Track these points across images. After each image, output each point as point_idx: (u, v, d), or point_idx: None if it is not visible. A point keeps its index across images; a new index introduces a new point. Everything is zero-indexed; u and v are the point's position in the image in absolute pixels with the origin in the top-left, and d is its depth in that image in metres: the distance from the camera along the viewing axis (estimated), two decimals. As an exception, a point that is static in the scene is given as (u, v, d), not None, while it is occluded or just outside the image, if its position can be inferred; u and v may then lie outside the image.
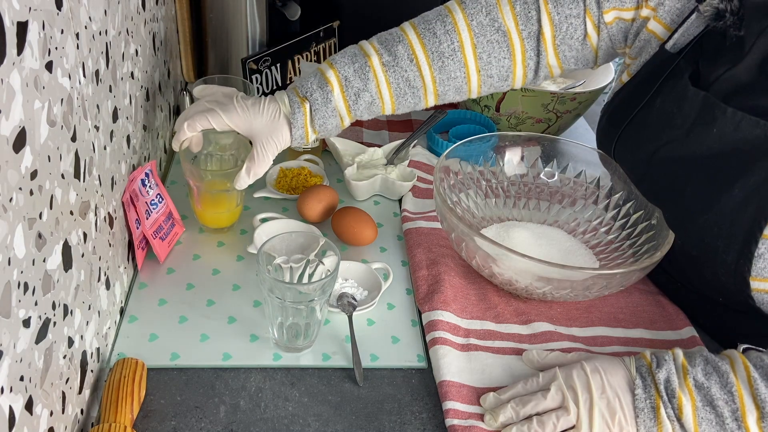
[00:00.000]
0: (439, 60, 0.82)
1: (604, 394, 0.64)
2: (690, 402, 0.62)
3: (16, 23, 0.46)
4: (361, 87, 0.81)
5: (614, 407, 0.64)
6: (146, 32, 0.88)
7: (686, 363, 0.65)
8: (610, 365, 0.67)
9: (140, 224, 0.79)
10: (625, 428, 0.64)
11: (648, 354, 0.67)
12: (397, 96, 0.83)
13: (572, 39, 0.83)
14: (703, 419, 0.62)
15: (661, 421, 0.63)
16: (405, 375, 0.74)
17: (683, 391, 0.63)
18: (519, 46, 0.83)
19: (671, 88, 0.75)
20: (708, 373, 0.64)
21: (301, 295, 0.69)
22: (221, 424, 0.66)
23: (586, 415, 0.64)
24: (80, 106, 0.60)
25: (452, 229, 0.80)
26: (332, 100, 0.81)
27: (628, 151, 0.81)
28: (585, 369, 0.66)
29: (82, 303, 0.63)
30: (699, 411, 0.62)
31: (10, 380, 0.48)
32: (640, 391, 0.64)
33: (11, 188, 0.46)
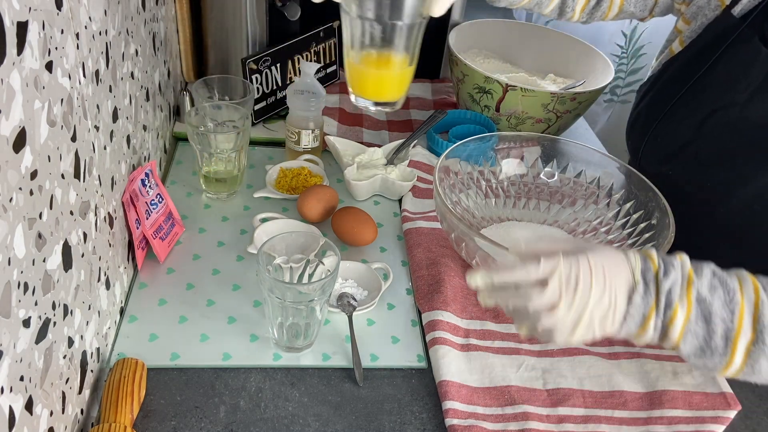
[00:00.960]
0: None
1: (602, 298, 0.58)
2: (685, 314, 0.58)
3: (16, 23, 0.46)
4: None
5: (606, 312, 0.58)
6: (146, 32, 0.88)
7: (693, 274, 0.59)
8: (615, 264, 0.59)
9: (140, 224, 0.79)
10: (607, 332, 0.60)
11: (655, 257, 0.60)
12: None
13: None
14: (690, 332, 0.58)
15: (646, 328, 0.59)
16: (405, 375, 0.74)
17: (681, 303, 0.58)
18: None
19: (737, 52, 0.74)
20: (713, 287, 0.59)
21: (301, 295, 0.69)
22: (221, 424, 0.66)
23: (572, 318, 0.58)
24: (80, 106, 0.60)
25: (452, 229, 0.80)
26: None
27: (680, 118, 0.80)
28: (591, 264, 0.58)
29: (82, 303, 0.63)
30: (689, 324, 0.58)
31: (10, 380, 0.48)
32: (639, 299, 0.58)
33: (11, 188, 0.46)
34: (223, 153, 0.92)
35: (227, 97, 1.03)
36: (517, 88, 1.08)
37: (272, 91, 1.13)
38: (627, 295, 0.59)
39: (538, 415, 0.69)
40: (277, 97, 1.14)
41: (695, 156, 0.78)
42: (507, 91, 1.09)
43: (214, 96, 1.02)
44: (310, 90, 1.01)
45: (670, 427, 0.70)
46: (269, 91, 1.12)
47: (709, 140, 0.76)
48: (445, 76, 1.35)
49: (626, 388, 0.73)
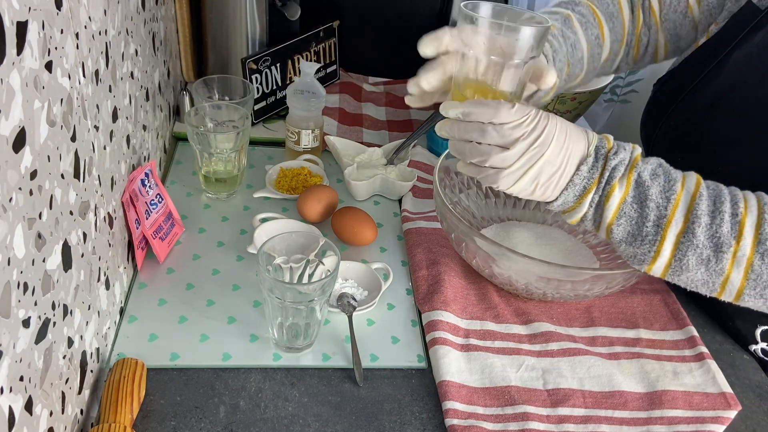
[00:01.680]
0: (610, 20, 0.85)
1: (555, 159, 0.60)
2: (621, 194, 0.60)
3: (16, 23, 0.46)
4: (574, 39, 0.82)
5: (554, 172, 0.61)
6: (146, 32, 0.88)
7: (639, 158, 0.62)
8: (576, 134, 0.62)
9: (140, 224, 0.79)
10: (547, 193, 0.62)
11: (612, 140, 0.63)
12: (591, 56, 0.84)
13: (675, 13, 0.85)
14: (625, 214, 0.60)
15: (582, 203, 0.61)
16: (405, 375, 0.74)
17: (621, 183, 0.60)
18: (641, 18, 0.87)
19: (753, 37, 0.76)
20: (655, 175, 0.61)
21: (301, 295, 0.69)
22: (221, 424, 0.66)
23: (521, 165, 0.60)
24: (80, 106, 0.60)
25: (452, 229, 0.80)
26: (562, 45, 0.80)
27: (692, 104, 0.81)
28: (557, 125, 0.61)
29: (82, 303, 0.63)
30: (625, 206, 0.60)
31: (10, 380, 0.48)
32: (585, 169, 0.61)
33: (11, 188, 0.46)
34: (223, 153, 0.92)
35: (227, 97, 1.03)
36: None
37: (272, 91, 1.13)
38: (577, 164, 0.61)
39: (538, 416, 0.69)
40: (277, 97, 1.14)
41: (703, 141, 0.79)
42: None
43: (214, 96, 1.02)
44: (310, 90, 1.01)
45: (671, 427, 0.70)
46: (269, 91, 1.12)
47: (717, 123, 0.77)
48: (445, 76, 1.35)
49: (626, 388, 0.73)
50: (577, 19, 0.83)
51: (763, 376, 0.79)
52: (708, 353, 0.78)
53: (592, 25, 0.84)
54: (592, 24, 0.84)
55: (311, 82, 1.01)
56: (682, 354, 0.78)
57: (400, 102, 1.27)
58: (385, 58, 1.32)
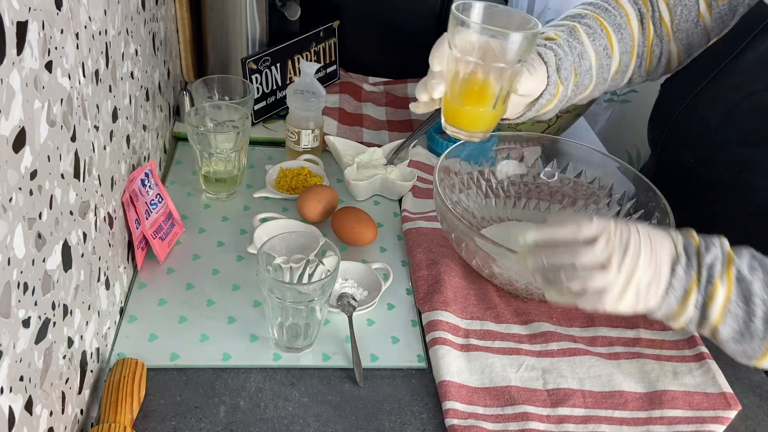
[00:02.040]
0: (618, 32, 0.84)
1: (651, 265, 0.58)
2: (725, 293, 0.58)
3: (16, 23, 0.46)
4: (582, 50, 0.81)
5: (650, 281, 0.58)
6: (146, 32, 0.88)
7: (732, 253, 0.60)
8: (660, 236, 0.60)
9: (140, 224, 0.79)
10: (650, 303, 0.60)
11: (695, 234, 0.61)
12: (600, 66, 0.83)
13: (687, 22, 0.85)
14: (730, 313, 0.58)
15: (686, 305, 0.59)
16: (405, 375, 0.74)
17: (722, 280, 0.58)
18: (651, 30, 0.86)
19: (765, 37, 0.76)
20: (753, 268, 0.59)
21: (301, 295, 0.69)
22: (221, 424, 0.66)
23: (624, 282, 0.58)
24: (80, 106, 0.60)
25: (452, 229, 0.80)
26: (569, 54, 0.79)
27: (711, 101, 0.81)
28: (639, 231, 0.59)
29: (82, 303, 0.63)
30: (730, 304, 0.58)
31: (10, 380, 0.48)
32: (681, 271, 0.59)
33: (11, 188, 0.46)
34: (223, 153, 0.92)
35: (227, 97, 1.03)
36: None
37: (272, 91, 1.13)
38: (671, 266, 0.59)
39: (538, 416, 0.69)
40: (277, 97, 1.14)
41: (726, 141, 0.78)
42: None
43: (214, 96, 1.02)
44: (310, 90, 1.01)
45: (671, 427, 0.70)
46: (269, 91, 1.12)
47: (739, 125, 0.77)
48: (445, 76, 1.35)
49: (626, 388, 0.73)
50: (583, 30, 0.82)
51: (763, 376, 0.79)
52: (708, 353, 0.78)
53: (599, 36, 0.83)
54: (599, 35, 0.83)
55: (311, 82, 1.01)
56: (682, 354, 0.78)
57: (400, 102, 1.27)
58: (385, 58, 1.32)
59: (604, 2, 0.86)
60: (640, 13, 0.86)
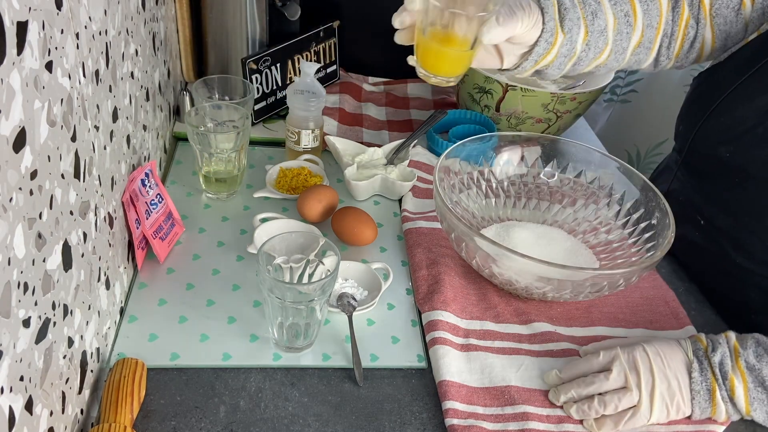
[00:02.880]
0: (644, 2, 0.83)
1: (665, 377, 0.67)
2: (742, 383, 0.66)
3: (16, 23, 0.46)
4: (596, 7, 0.80)
5: (674, 390, 0.66)
6: (146, 32, 0.88)
7: (738, 345, 0.68)
8: (669, 348, 0.69)
9: (140, 224, 0.79)
10: (682, 409, 0.67)
11: (704, 338, 0.70)
12: (618, 32, 0.82)
13: (728, 9, 0.84)
14: (755, 399, 0.66)
15: (716, 402, 0.66)
16: (405, 375, 0.74)
17: (735, 374, 0.66)
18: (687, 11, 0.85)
19: None
20: (759, 355, 0.66)
21: (301, 295, 0.69)
22: (221, 424, 0.66)
23: (647, 396, 0.66)
24: (80, 106, 0.60)
25: (452, 229, 0.80)
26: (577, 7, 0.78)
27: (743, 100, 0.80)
28: (647, 351, 0.68)
29: (82, 303, 0.63)
30: (751, 392, 0.66)
31: (10, 380, 0.48)
32: (697, 375, 0.67)
33: (11, 188, 0.46)
34: (223, 153, 0.92)
35: (227, 97, 1.03)
36: (517, 88, 1.08)
37: (272, 91, 1.13)
38: (687, 373, 0.67)
39: (537, 416, 0.69)
40: (277, 97, 1.15)
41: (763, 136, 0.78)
42: (507, 90, 1.09)
43: (214, 96, 1.02)
44: (310, 90, 1.01)
45: (670, 427, 0.70)
46: (269, 91, 1.12)
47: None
48: (445, 76, 1.35)
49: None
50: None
51: (762, 376, 0.79)
52: (708, 353, 0.78)
53: (622, 1, 0.82)
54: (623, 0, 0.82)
55: (311, 82, 1.01)
56: (682, 354, 0.78)
57: (400, 102, 1.27)
58: (385, 58, 1.32)
59: None
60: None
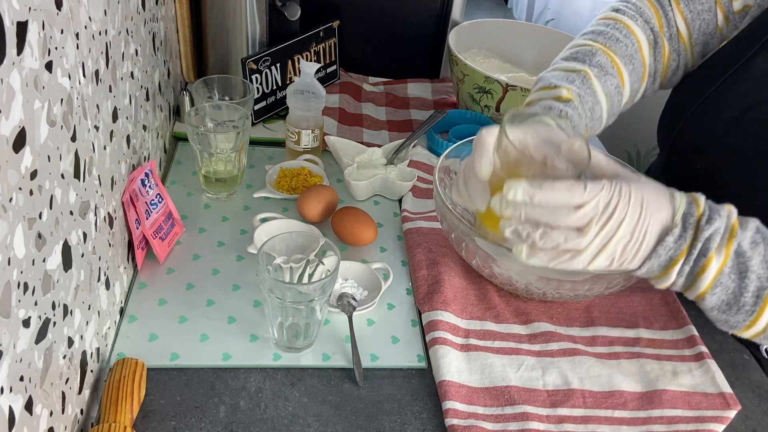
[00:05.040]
0: (630, 63, 0.83)
1: (631, 232, 0.57)
2: (719, 265, 0.57)
3: (16, 23, 0.46)
4: (594, 101, 0.79)
5: (631, 245, 0.58)
6: (146, 32, 0.88)
7: (737, 225, 0.59)
8: (657, 201, 0.59)
9: (140, 224, 0.79)
10: (627, 264, 0.59)
11: (702, 203, 0.60)
12: (611, 105, 0.82)
13: (705, 35, 0.84)
14: (721, 284, 0.58)
15: (667, 273, 0.59)
16: (405, 375, 0.74)
17: (718, 254, 0.57)
18: (667, 47, 0.85)
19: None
20: (755, 242, 0.58)
21: (301, 295, 0.69)
22: (221, 424, 0.66)
23: (597, 246, 0.58)
24: (80, 106, 0.60)
25: (452, 229, 0.80)
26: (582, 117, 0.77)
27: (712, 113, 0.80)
28: (631, 196, 0.57)
29: (82, 303, 0.63)
30: (722, 276, 0.58)
31: (10, 380, 0.48)
32: (671, 240, 0.58)
33: (11, 188, 0.46)
34: (223, 153, 0.92)
35: (227, 97, 1.03)
36: (518, 88, 1.08)
37: (272, 91, 1.13)
38: (658, 235, 0.58)
39: (537, 416, 0.69)
40: (277, 97, 1.14)
41: (733, 148, 0.78)
42: (507, 91, 1.09)
43: (214, 96, 1.02)
44: (310, 90, 1.01)
45: (670, 426, 0.70)
46: (269, 91, 1.12)
47: (748, 134, 0.76)
48: (445, 76, 1.35)
49: (626, 388, 0.73)
50: (594, 75, 0.80)
51: (762, 376, 0.79)
52: (707, 353, 0.78)
53: (611, 75, 0.81)
54: (611, 74, 0.81)
55: (311, 82, 1.01)
56: (682, 354, 0.78)
57: (400, 102, 1.27)
58: (385, 58, 1.32)
59: (615, 29, 0.84)
60: (653, 32, 0.85)
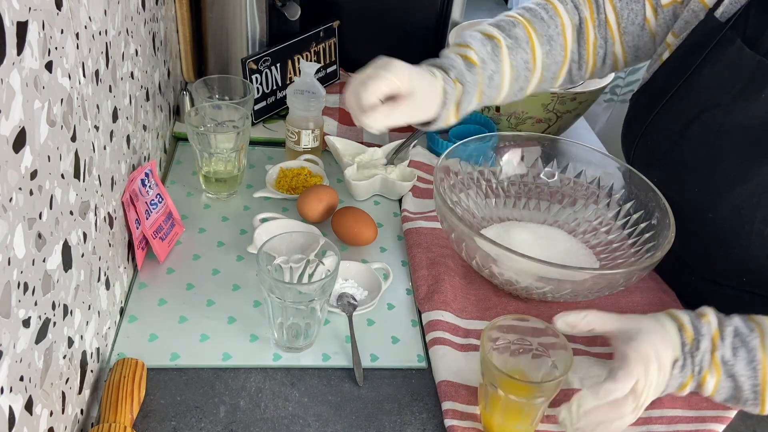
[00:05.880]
0: (547, 44, 0.84)
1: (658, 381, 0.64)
2: (714, 377, 0.65)
3: (16, 23, 0.46)
4: (495, 69, 0.82)
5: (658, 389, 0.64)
6: (146, 32, 0.88)
7: (717, 338, 0.65)
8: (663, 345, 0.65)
9: (140, 224, 0.79)
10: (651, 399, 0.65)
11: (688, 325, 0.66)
12: (513, 80, 0.84)
13: (633, 25, 0.85)
14: (721, 388, 0.65)
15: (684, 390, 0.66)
16: (405, 375, 0.74)
17: (711, 370, 0.65)
18: (592, 34, 0.86)
19: (722, 54, 0.75)
20: (735, 348, 0.65)
21: (301, 295, 0.69)
22: (221, 424, 0.66)
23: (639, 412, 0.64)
24: (80, 106, 0.60)
25: (452, 229, 0.80)
26: (477, 83, 0.81)
27: (666, 122, 0.81)
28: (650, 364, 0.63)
29: (82, 303, 0.63)
30: (721, 383, 0.65)
31: (10, 380, 0.48)
32: (677, 372, 0.65)
33: (11, 188, 0.46)
34: (223, 153, 0.92)
35: (227, 97, 1.03)
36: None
37: (272, 91, 1.13)
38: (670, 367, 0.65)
39: (538, 415, 0.69)
40: (277, 97, 1.14)
41: (681, 161, 0.78)
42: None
43: (214, 96, 1.02)
44: (310, 90, 1.01)
45: (670, 426, 0.70)
46: (269, 91, 1.12)
47: (694, 144, 0.76)
48: (445, 76, 1.35)
49: (626, 388, 0.73)
50: (506, 45, 0.82)
51: (763, 376, 0.79)
52: (708, 353, 0.78)
53: (522, 50, 0.83)
54: (523, 49, 0.83)
55: (311, 82, 1.01)
56: (682, 354, 0.78)
57: (400, 102, 1.27)
58: (385, 58, 1.32)
59: (543, 9, 0.86)
60: (580, 18, 0.86)
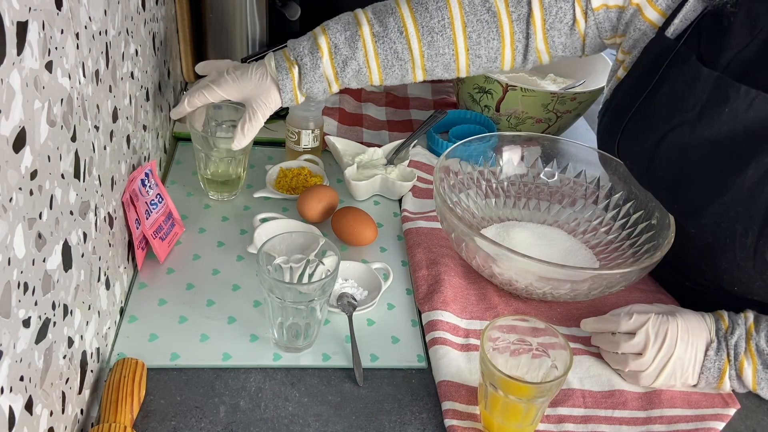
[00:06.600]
0: (429, 35, 0.84)
1: (686, 351, 0.70)
2: (751, 365, 0.69)
3: (16, 23, 0.46)
4: (349, 55, 0.84)
5: (687, 363, 0.70)
6: (146, 32, 0.88)
7: (753, 328, 0.70)
8: (696, 324, 0.71)
9: (140, 224, 0.79)
10: (688, 381, 0.71)
11: (726, 317, 0.72)
12: (385, 67, 0.86)
13: (561, 23, 0.84)
14: (763, 379, 0.70)
15: (724, 380, 0.71)
16: (405, 375, 0.74)
17: (746, 356, 0.69)
18: (508, 27, 0.85)
19: (678, 73, 0.75)
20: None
21: (301, 295, 0.69)
22: (221, 424, 0.66)
23: (657, 366, 0.70)
24: (80, 106, 0.60)
25: (452, 229, 0.80)
26: (320, 66, 0.84)
27: (633, 143, 0.80)
28: (678, 323, 0.70)
29: (82, 303, 0.63)
30: (759, 373, 0.70)
31: (10, 380, 0.48)
32: (713, 353, 0.70)
33: (11, 188, 0.46)
34: (224, 153, 0.92)
35: (227, 97, 1.03)
36: (517, 88, 1.08)
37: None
38: (704, 350, 0.71)
39: (538, 415, 0.69)
40: (277, 97, 1.14)
41: (657, 180, 0.78)
42: (507, 91, 1.09)
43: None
44: (310, 90, 1.01)
45: (670, 426, 0.70)
46: (269, 91, 1.12)
47: (665, 164, 0.76)
48: (445, 76, 1.35)
49: (626, 387, 0.73)
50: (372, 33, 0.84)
51: (762, 376, 0.79)
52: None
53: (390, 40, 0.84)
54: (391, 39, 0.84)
55: (311, 82, 1.01)
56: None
57: (400, 102, 1.27)
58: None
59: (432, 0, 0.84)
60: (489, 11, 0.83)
